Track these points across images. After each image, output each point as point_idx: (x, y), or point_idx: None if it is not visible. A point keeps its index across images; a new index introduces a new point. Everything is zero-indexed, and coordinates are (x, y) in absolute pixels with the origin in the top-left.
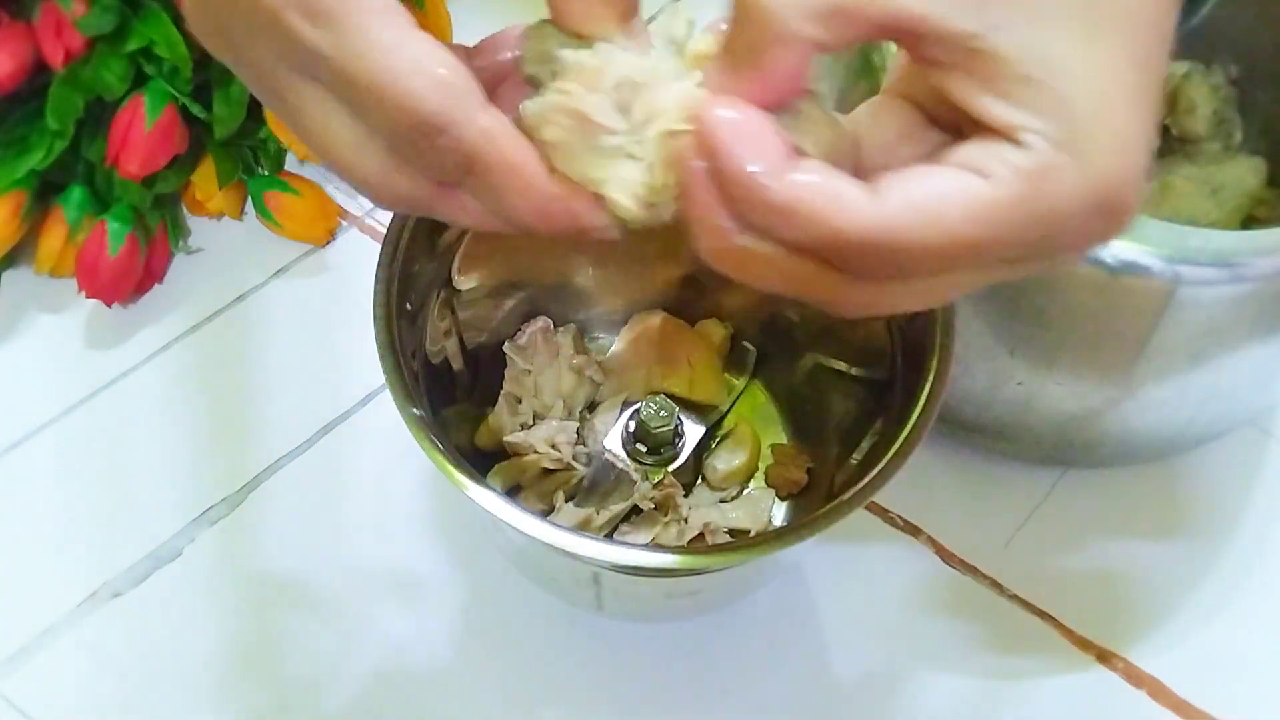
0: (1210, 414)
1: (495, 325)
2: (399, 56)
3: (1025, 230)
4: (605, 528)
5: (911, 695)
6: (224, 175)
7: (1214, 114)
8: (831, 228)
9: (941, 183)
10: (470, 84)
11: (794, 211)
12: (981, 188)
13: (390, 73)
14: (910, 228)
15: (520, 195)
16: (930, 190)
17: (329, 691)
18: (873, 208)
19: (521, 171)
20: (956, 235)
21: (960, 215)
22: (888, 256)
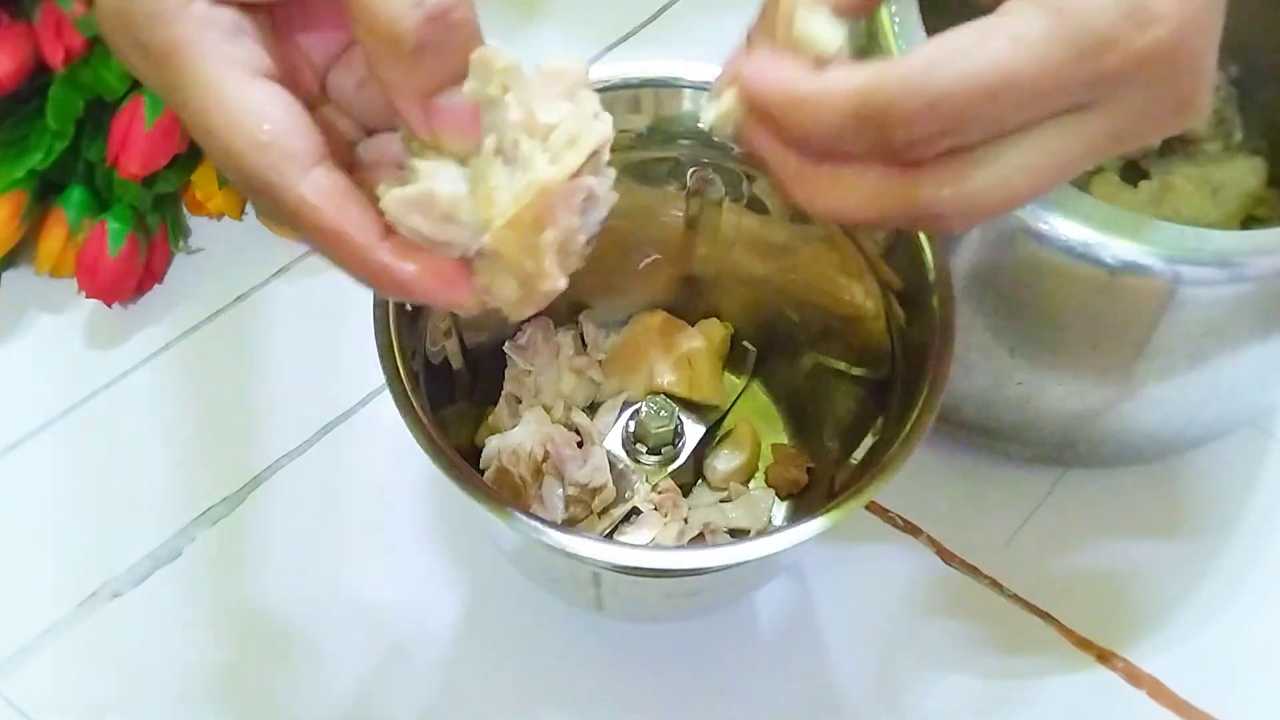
0: (1210, 414)
1: (495, 325)
2: (219, 112)
3: (1051, 48)
4: (605, 528)
5: (911, 695)
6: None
7: (1214, 114)
8: (868, 94)
9: (957, 31)
10: (297, 146)
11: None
12: (1006, 22)
13: (211, 128)
14: (934, 70)
15: (347, 261)
16: (958, 38)
17: (329, 691)
18: (893, 66)
19: (345, 240)
20: (980, 61)
21: (992, 49)
22: (933, 110)
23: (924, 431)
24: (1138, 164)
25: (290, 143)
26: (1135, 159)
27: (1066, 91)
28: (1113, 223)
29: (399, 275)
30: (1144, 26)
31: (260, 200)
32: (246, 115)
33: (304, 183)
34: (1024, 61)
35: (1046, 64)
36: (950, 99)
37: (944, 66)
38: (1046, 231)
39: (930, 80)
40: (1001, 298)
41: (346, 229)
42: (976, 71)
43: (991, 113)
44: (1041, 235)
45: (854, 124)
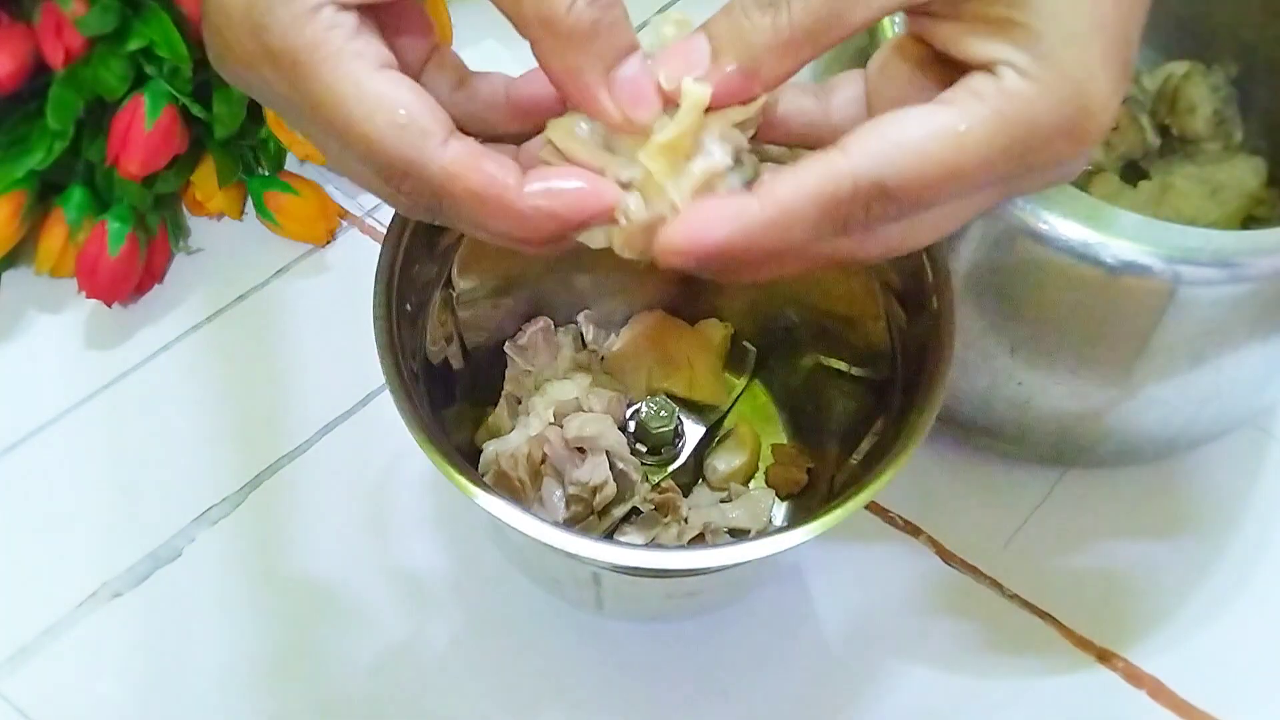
0: (1210, 414)
1: (495, 325)
2: (356, 102)
3: (1000, 154)
4: (605, 528)
5: (912, 695)
6: (224, 175)
7: (1214, 114)
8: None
9: (904, 118)
10: (431, 123)
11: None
12: (950, 115)
13: (349, 119)
14: (883, 164)
15: (496, 219)
16: (895, 126)
17: (329, 691)
18: (845, 163)
19: (492, 198)
20: (926, 159)
21: (923, 137)
22: (877, 195)
23: (924, 431)
24: (1138, 164)
25: (425, 121)
26: (1135, 159)
27: (996, 177)
28: (1113, 223)
29: (555, 211)
30: (1077, 141)
31: (403, 183)
32: (384, 100)
33: (444, 153)
34: (967, 159)
35: (986, 161)
36: (902, 192)
37: (896, 159)
38: (1046, 231)
39: (882, 182)
40: (1001, 298)
41: (495, 186)
42: (925, 167)
43: (932, 197)
44: (1041, 235)
45: (815, 229)
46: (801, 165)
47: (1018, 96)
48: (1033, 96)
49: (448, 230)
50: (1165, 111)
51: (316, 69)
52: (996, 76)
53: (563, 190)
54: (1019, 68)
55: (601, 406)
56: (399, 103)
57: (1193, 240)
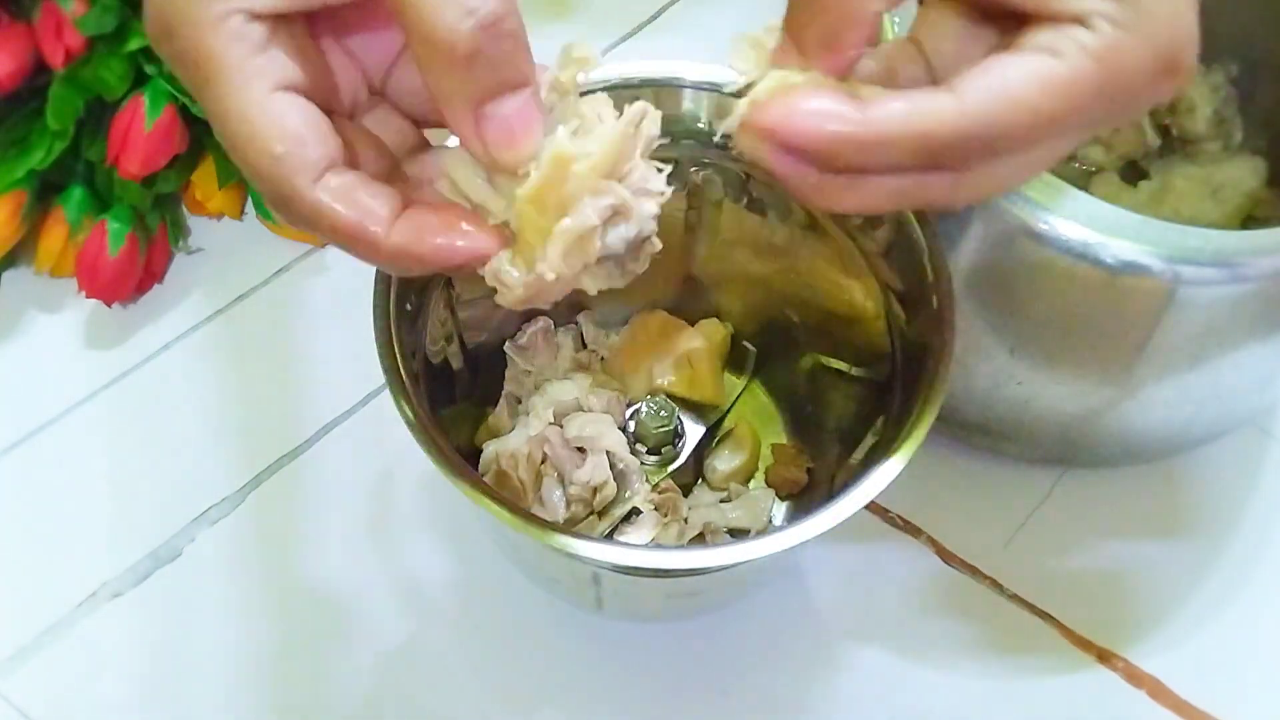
0: (1210, 414)
1: (495, 325)
2: (240, 124)
3: (1098, 100)
4: (605, 528)
5: (911, 695)
6: (224, 175)
7: (1214, 114)
8: (927, 137)
9: (1017, 68)
10: (309, 156)
11: (888, 139)
12: (1055, 66)
13: (234, 139)
14: (995, 113)
15: (364, 255)
16: (1008, 76)
17: (329, 691)
18: (957, 105)
19: (360, 237)
20: (1038, 111)
21: (1038, 92)
22: (981, 144)
23: (924, 431)
24: (1138, 164)
25: (304, 153)
26: (1135, 159)
27: (1089, 121)
28: (1113, 223)
29: (416, 251)
30: (1171, 77)
31: (281, 209)
32: (266, 128)
33: (313, 191)
34: (1067, 107)
35: (1084, 109)
36: (1003, 139)
37: (998, 109)
38: (1046, 231)
39: (987, 124)
40: (1001, 298)
41: (362, 225)
42: (1028, 115)
43: (1030, 140)
44: (1041, 235)
45: (910, 159)
46: (913, 95)
47: (1117, 48)
48: (1131, 46)
49: None
50: (1165, 111)
51: (215, 81)
52: (1094, 28)
53: (430, 239)
54: (1112, 18)
55: (601, 406)
56: (283, 130)
57: (1193, 240)
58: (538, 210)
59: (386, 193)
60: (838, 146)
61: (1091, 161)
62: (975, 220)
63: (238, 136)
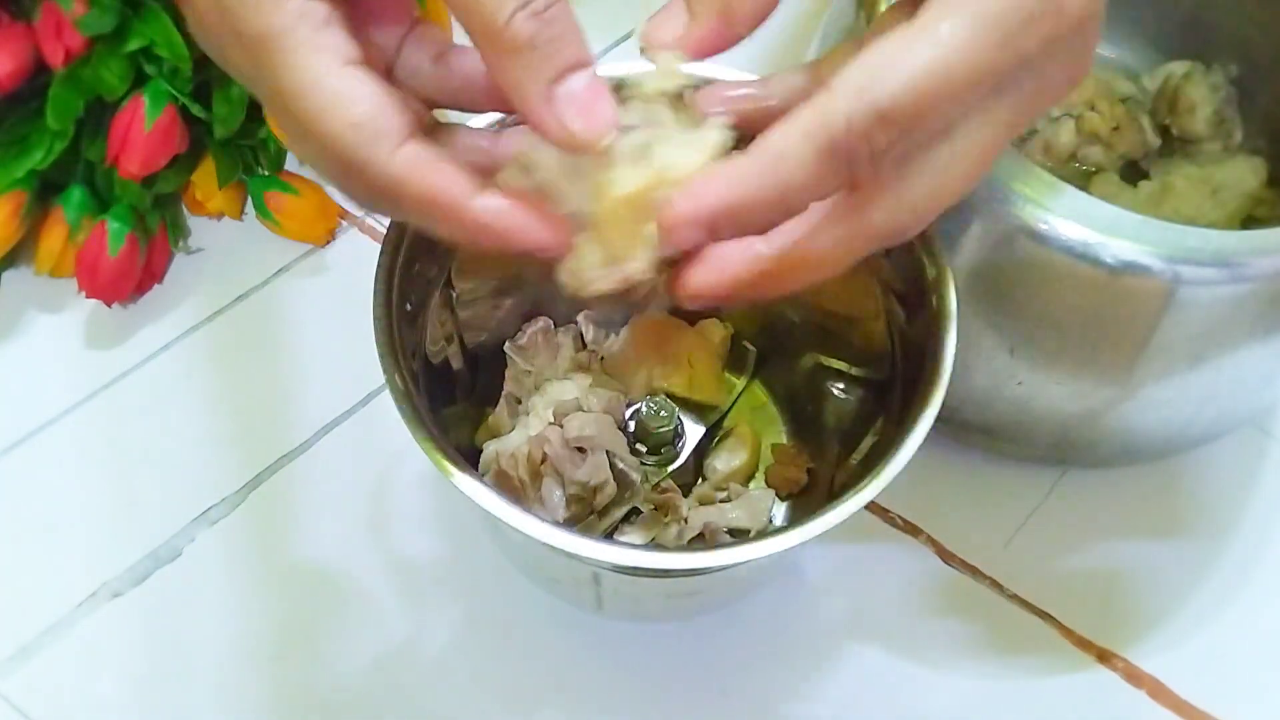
0: (1210, 414)
1: (495, 325)
2: (315, 97)
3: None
4: (605, 528)
5: (911, 695)
6: (224, 175)
7: (1214, 114)
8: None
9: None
10: (387, 125)
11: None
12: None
13: (306, 113)
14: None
15: (443, 224)
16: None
17: (329, 691)
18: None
19: (439, 205)
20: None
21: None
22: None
23: (924, 431)
24: (1138, 164)
25: (382, 122)
26: (1135, 159)
27: (992, 82)
28: (1113, 223)
29: (503, 224)
30: (1058, 13)
31: (353, 181)
32: (341, 99)
33: (397, 156)
34: (956, 62)
35: (975, 60)
36: (899, 111)
37: (883, 77)
38: (1046, 231)
39: (875, 94)
40: (1001, 298)
41: (440, 192)
42: (914, 76)
43: (936, 114)
44: (1041, 235)
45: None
46: (791, 112)
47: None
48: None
49: None
50: (1165, 111)
51: (281, 58)
52: None
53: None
54: None
55: (601, 406)
56: (356, 101)
57: (1193, 240)
58: (631, 212)
59: (466, 167)
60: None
61: (1091, 161)
62: (975, 220)
63: (310, 110)
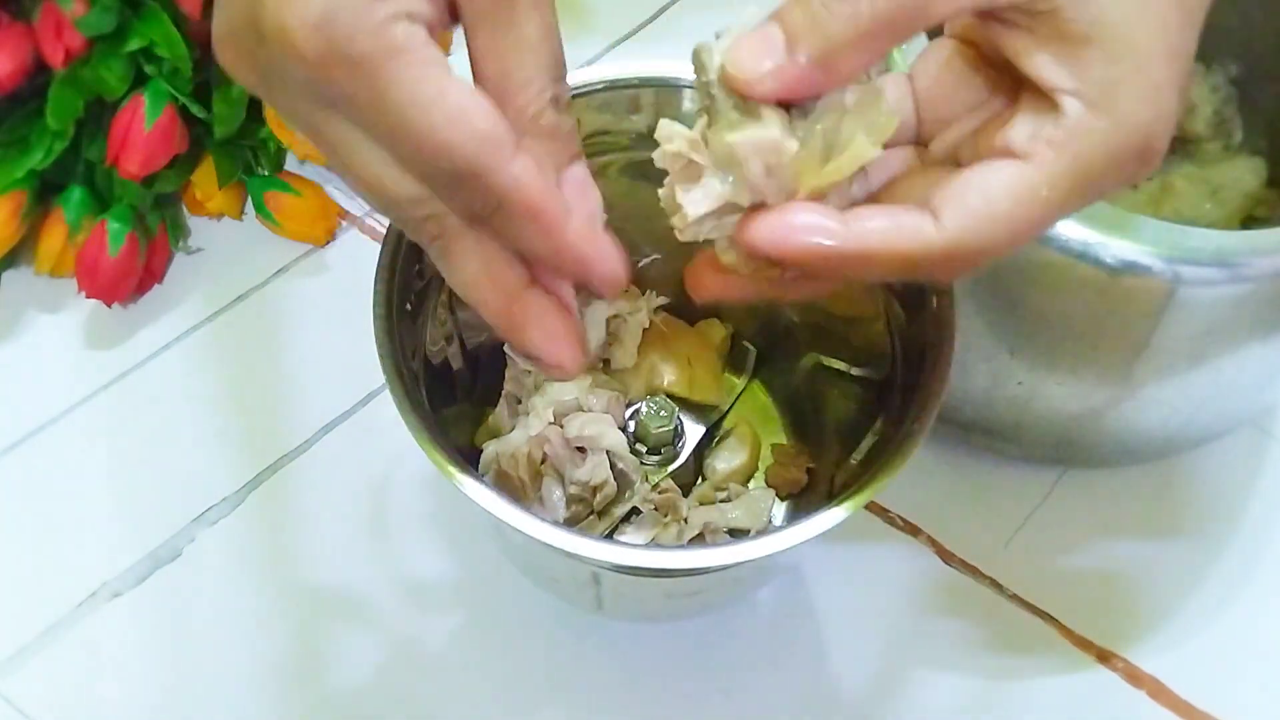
0: (1210, 414)
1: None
2: (439, 110)
3: (1069, 193)
4: (605, 528)
5: (911, 695)
6: (224, 175)
7: (1214, 114)
8: (907, 258)
9: (990, 185)
10: (505, 133)
11: (869, 257)
12: (1025, 174)
13: (430, 126)
14: (975, 234)
15: (541, 237)
16: (983, 197)
17: (329, 691)
18: (938, 232)
19: (545, 216)
20: (1014, 224)
21: (1011, 206)
22: (961, 261)
23: (924, 431)
24: None
25: (501, 131)
26: None
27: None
28: (1113, 223)
29: (588, 251)
30: (1144, 164)
31: (468, 185)
32: (466, 109)
33: (515, 164)
34: (1040, 210)
35: (1056, 202)
36: (982, 254)
37: (977, 229)
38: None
39: (966, 245)
40: (1001, 298)
41: (552, 207)
42: (1006, 229)
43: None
44: (1041, 235)
45: (889, 275)
46: (895, 218)
47: (1090, 135)
48: (1105, 132)
49: None
50: None
51: (399, 74)
52: (1063, 114)
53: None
54: (1089, 100)
55: (601, 406)
56: (479, 111)
57: (1193, 240)
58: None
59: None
60: (820, 262)
61: None
62: None
63: (435, 122)
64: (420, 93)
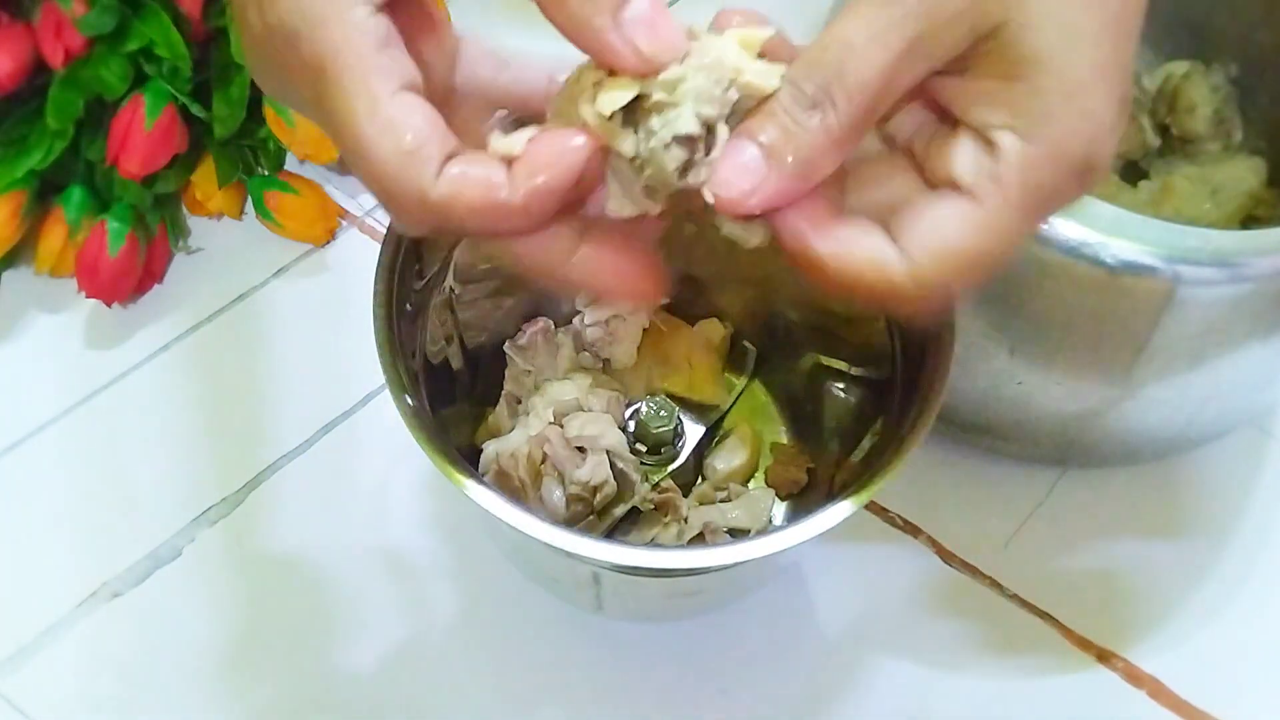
0: (1210, 414)
1: (495, 325)
2: (374, 121)
3: (1020, 222)
4: (605, 528)
5: (911, 695)
6: (224, 175)
7: (1214, 114)
8: (875, 290)
9: (950, 221)
10: (434, 150)
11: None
12: (976, 213)
13: (363, 138)
14: (940, 269)
15: (498, 223)
16: (945, 233)
17: (328, 692)
18: (907, 268)
19: (489, 208)
20: (973, 256)
21: (973, 238)
22: (926, 294)
23: (924, 431)
24: (1138, 164)
25: (430, 149)
26: (1135, 159)
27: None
28: (1113, 223)
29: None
30: (1085, 183)
31: (410, 209)
32: (394, 126)
33: (440, 182)
34: (996, 240)
35: (1011, 229)
36: (947, 287)
37: (942, 264)
38: (1046, 231)
39: (932, 281)
40: (1001, 298)
41: (483, 197)
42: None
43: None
44: (1041, 235)
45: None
46: (861, 241)
47: (1029, 167)
48: (1043, 159)
49: None
50: (1165, 111)
51: (340, 83)
52: (1000, 150)
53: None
54: (1022, 133)
55: (601, 406)
56: (408, 128)
57: (1193, 240)
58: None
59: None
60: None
61: None
62: None
63: (366, 136)
64: (358, 104)
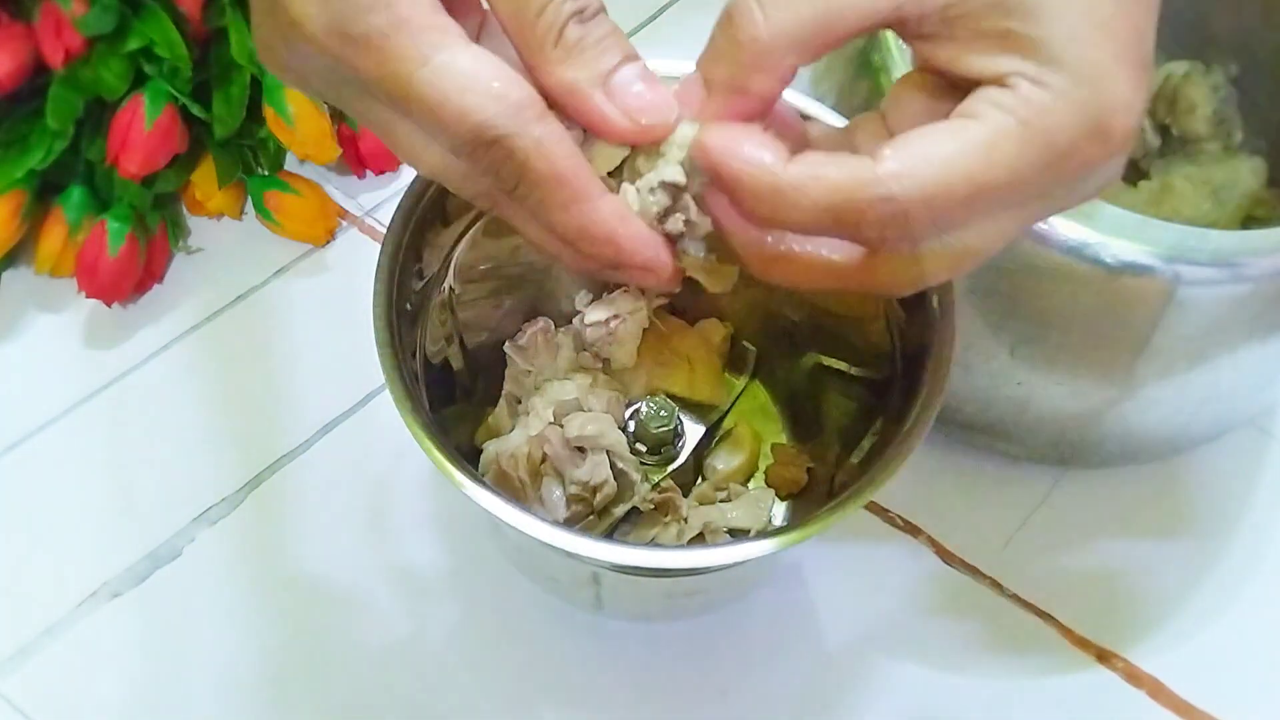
0: (1210, 414)
1: (495, 325)
2: (449, 78)
3: (1024, 163)
4: (605, 528)
5: (911, 695)
6: (224, 175)
7: (1214, 114)
8: (842, 192)
9: (934, 133)
10: (527, 96)
11: (802, 188)
12: (972, 128)
13: (441, 93)
14: (911, 176)
15: (564, 209)
16: (927, 142)
17: (328, 691)
18: (875, 167)
19: (570, 184)
20: (966, 175)
21: (956, 155)
22: (907, 218)
23: (924, 431)
24: (1138, 164)
25: (520, 94)
26: (1135, 159)
27: (1027, 193)
28: (1113, 223)
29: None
30: (1104, 143)
31: (488, 152)
32: (478, 73)
33: (538, 127)
34: (996, 174)
35: (1015, 175)
36: (925, 208)
37: (919, 175)
38: (1046, 231)
39: (906, 190)
40: (1001, 298)
41: (577, 173)
42: (952, 183)
43: (961, 217)
44: (1041, 235)
45: (827, 221)
46: (836, 156)
47: (1036, 104)
48: (1050, 102)
49: (448, 229)
50: (1165, 111)
51: (403, 47)
52: (1010, 88)
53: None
54: (1030, 76)
55: (601, 406)
56: (493, 74)
57: (1193, 240)
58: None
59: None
60: (761, 191)
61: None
62: None
63: (447, 90)
64: (433, 62)
